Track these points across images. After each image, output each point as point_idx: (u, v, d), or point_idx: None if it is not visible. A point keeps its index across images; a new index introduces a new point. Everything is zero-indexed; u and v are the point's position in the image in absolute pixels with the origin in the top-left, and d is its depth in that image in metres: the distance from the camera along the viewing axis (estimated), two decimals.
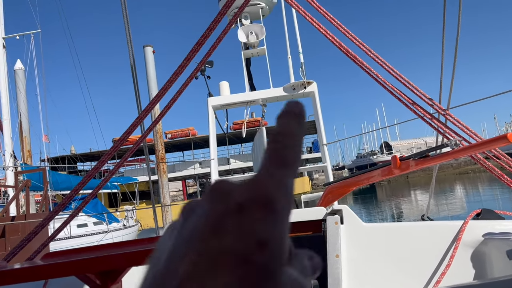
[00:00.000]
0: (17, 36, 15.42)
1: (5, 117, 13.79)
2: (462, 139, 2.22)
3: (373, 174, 2.91)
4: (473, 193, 29.62)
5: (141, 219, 23.35)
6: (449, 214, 17.92)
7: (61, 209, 2.38)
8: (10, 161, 13.61)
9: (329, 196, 3.40)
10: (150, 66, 14.54)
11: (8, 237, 9.03)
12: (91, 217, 17.74)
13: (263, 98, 4.53)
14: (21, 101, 15.43)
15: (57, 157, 33.83)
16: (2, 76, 13.82)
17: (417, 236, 2.17)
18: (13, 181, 12.55)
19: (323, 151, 4.29)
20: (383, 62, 2.47)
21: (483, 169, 2.42)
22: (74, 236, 15.63)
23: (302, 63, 4.31)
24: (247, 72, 4.70)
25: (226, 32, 2.51)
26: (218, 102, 4.57)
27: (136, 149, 2.56)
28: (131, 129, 2.47)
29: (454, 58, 2.13)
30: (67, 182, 18.93)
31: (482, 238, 2.04)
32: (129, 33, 3.00)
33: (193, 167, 38.71)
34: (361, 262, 2.18)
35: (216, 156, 4.37)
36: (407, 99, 2.37)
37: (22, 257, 2.23)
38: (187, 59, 2.49)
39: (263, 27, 4.46)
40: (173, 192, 50.31)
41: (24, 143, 15.48)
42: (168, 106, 2.53)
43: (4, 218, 9.73)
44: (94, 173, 2.44)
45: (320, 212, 2.53)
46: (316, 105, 4.35)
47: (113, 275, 1.20)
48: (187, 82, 2.57)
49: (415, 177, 56.11)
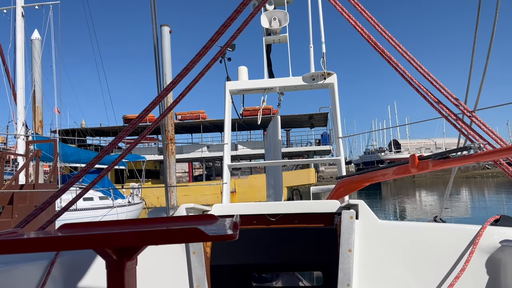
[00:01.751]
0: (36, 6, 15.40)
1: (19, 86, 13.87)
2: (487, 142, 2.17)
3: (388, 171, 2.88)
4: (479, 197, 29.43)
5: (145, 197, 23.61)
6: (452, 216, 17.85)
7: (75, 182, 2.39)
8: (22, 130, 13.72)
9: (341, 190, 3.38)
10: (166, 46, 14.47)
11: (16, 205, 9.17)
12: (97, 191, 17.97)
13: (281, 86, 4.49)
14: (36, 71, 15.48)
15: (67, 130, 34.10)
16: (19, 45, 13.87)
17: (432, 238, 2.14)
18: (24, 150, 12.70)
19: (337, 144, 4.26)
20: (411, 58, 2.41)
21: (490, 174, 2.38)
22: (79, 208, 15.84)
23: (324, 53, 4.24)
24: (267, 58, 4.65)
25: (253, 16, 2.47)
26: (235, 87, 4.54)
27: (153, 128, 2.55)
28: (150, 107, 2.46)
29: (486, 60, 2.07)
30: (76, 155, 19.13)
31: (499, 244, 2.01)
32: (155, 16, 2.96)
33: (201, 150, 38.86)
34: (373, 259, 2.16)
35: (230, 141, 4.37)
36: (433, 98, 2.32)
37: (30, 226, 2.25)
38: (211, 40, 2.45)
39: (287, 13, 4.40)
40: (179, 173, 50.61)
41: (37, 113, 15.59)
42: (189, 87, 2.50)
43: (13, 186, 9.88)
44: (111, 148, 2.44)
45: (333, 205, 2.51)
46: (335, 97, 4.31)
47: (130, 252, 1.20)
48: (210, 64, 2.54)
49: (421, 177, 55.84)
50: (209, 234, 0.97)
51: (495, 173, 50.62)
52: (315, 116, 37.71)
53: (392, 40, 2.43)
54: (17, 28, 13.99)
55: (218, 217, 1.38)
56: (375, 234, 2.20)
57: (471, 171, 54.95)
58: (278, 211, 2.54)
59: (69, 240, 1.03)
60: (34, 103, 15.49)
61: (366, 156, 79.91)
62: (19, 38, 13.89)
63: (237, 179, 31.70)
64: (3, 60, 15.07)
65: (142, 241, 1.03)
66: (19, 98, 13.87)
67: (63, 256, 2.16)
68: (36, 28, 15.91)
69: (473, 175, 54.01)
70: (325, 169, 59.27)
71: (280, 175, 5.74)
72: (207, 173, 44.13)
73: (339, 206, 2.46)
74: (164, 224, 1.47)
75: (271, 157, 5.77)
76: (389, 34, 2.42)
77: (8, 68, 14.97)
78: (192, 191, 29.13)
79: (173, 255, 2.35)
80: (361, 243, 2.19)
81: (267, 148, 6.31)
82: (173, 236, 1.00)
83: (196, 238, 0.99)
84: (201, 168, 48.18)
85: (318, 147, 38.19)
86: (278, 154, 5.48)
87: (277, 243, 2.61)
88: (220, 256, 2.56)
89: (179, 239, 1.01)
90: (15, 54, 14.13)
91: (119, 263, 1.16)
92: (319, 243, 2.54)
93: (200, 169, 50.62)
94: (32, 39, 15.74)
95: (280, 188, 5.60)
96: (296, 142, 42.25)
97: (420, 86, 2.32)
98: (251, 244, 2.63)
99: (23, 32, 14.04)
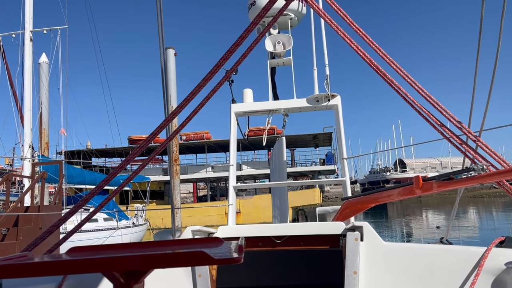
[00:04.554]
0: (45, 30, 15.75)
1: (27, 109, 14.05)
2: (490, 164, 2.19)
3: (393, 192, 2.89)
4: (486, 217, 29.06)
5: (149, 219, 23.51)
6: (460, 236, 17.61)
7: (84, 204, 2.42)
8: (28, 152, 13.84)
9: (347, 211, 3.39)
10: (171, 68, 14.66)
11: (21, 227, 9.18)
12: (102, 213, 17.93)
13: (286, 108, 4.55)
14: (43, 94, 15.72)
15: (73, 151, 34.29)
16: (27, 68, 14.11)
17: (437, 260, 2.14)
18: (30, 172, 12.78)
19: (342, 165, 4.28)
20: (413, 81, 2.46)
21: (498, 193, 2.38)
22: (84, 230, 15.79)
23: (327, 75, 4.32)
24: (272, 81, 4.73)
25: (257, 42, 2.54)
26: (241, 109, 4.59)
27: (161, 150, 2.59)
28: (158, 130, 2.51)
29: (491, 84, 2.10)
30: (81, 177, 19.20)
31: (505, 266, 2.00)
32: (162, 41, 3.05)
33: (205, 170, 38.84)
34: (378, 281, 2.16)
35: (235, 162, 4.39)
36: (435, 120, 2.35)
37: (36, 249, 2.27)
38: (217, 66, 2.52)
39: (290, 37, 4.49)
40: (183, 193, 50.47)
41: (43, 135, 15.74)
42: (195, 111, 2.56)
43: (18, 208, 9.91)
44: (119, 171, 2.48)
45: (338, 226, 2.52)
46: (339, 119, 4.35)
47: (137, 275, 1.22)
48: (215, 89, 2.60)
49: (427, 197, 55.29)
50: (214, 257, 1.00)
51: (502, 193, 49.92)
52: (319, 136, 37.75)
53: (393, 63, 2.48)
54: (26, 52, 14.27)
55: (223, 240, 1.40)
56: (380, 256, 2.20)
57: (478, 191, 54.37)
58: (284, 233, 2.55)
59: (78, 264, 1.06)
60: (40, 125, 15.66)
61: (372, 176, 79.44)
62: (27, 61, 14.15)
63: (242, 199, 31.56)
64: (11, 84, 15.33)
65: (149, 265, 1.05)
66: (26, 121, 14.03)
67: (70, 279, 2.17)
68: (44, 52, 16.25)
69: (480, 195, 53.41)
70: (330, 189, 58.88)
71: (286, 196, 5.75)
72: (211, 193, 43.99)
73: (344, 228, 2.47)
74: (170, 247, 1.49)
75: (276, 178, 5.78)
76: (390, 57, 2.48)
77: (16, 91, 15.22)
78: (196, 212, 29.01)
79: (180, 278, 2.35)
80: (366, 265, 2.19)
81: (272, 168, 6.33)
82: (179, 259, 1.03)
83: (201, 262, 1.01)
84: (205, 189, 48.06)
85: (322, 166, 38.09)
86: (284, 175, 5.50)
87: (282, 265, 2.61)
88: (226, 279, 2.56)
89: (185, 262, 1.04)
90: (23, 77, 14.37)
91: (126, 286, 1.17)
92: (324, 265, 2.54)
93: (205, 190, 50.50)
94: (40, 62, 16.05)
95: (285, 209, 5.59)
96: (300, 161, 42.19)
97: (423, 109, 2.35)
98: (257, 266, 2.63)
99: (31, 56, 14.31)
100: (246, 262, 2.57)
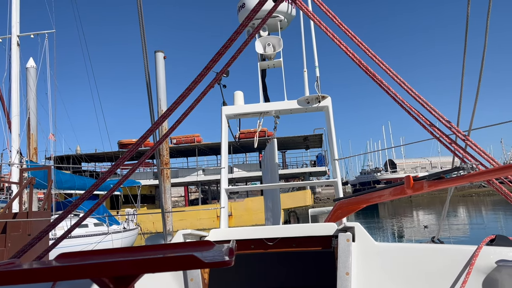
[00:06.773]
0: (32, 35, 15.57)
1: (14, 114, 13.87)
2: (479, 163, 2.20)
3: (384, 192, 2.90)
4: (476, 216, 29.39)
5: (140, 223, 23.35)
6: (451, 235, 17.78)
7: (73, 210, 2.39)
8: (16, 157, 13.65)
9: (339, 212, 3.39)
10: (161, 72, 14.61)
11: (9, 234, 9.04)
12: (92, 218, 17.76)
13: (277, 109, 4.55)
14: (31, 99, 15.53)
15: (62, 156, 33.94)
16: (14, 73, 13.94)
17: (429, 259, 2.15)
18: (18, 178, 12.60)
19: (334, 166, 4.29)
20: (402, 82, 2.47)
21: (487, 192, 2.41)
22: (74, 236, 15.62)
23: (317, 77, 4.33)
24: (262, 83, 4.73)
25: (247, 44, 2.53)
26: (232, 112, 4.58)
27: (151, 154, 2.57)
28: (147, 134, 2.48)
29: (478, 83, 2.13)
30: (71, 182, 19.00)
31: (495, 264, 2.02)
32: (144, 44, 3.03)
33: (196, 173, 38.72)
34: (371, 281, 2.16)
35: (227, 165, 4.38)
36: (425, 120, 2.37)
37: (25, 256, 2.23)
38: (206, 68, 2.51)
39: (280, 39, 4.50)
40: (174, 197, 50.24)
41: (31, 140, 15.55)
42: (185, 114, 2.54)
43: (7, 214, 9.76)
44: (109, 176, 2.45)
45: (330, 228, 2.52)
46: (330, 120, 4.36)
47: (127, 280, 1.20)
48: (205, 91, 2.59)
49: (418, 196, 55.76)
50: (205, 261, 0.99)
51: (491, 192, 50.78)
52: (309, 137, 37.87)
53: (382, 64, 2.50)
54: (13, 57, 14.09)
55: (214, 243, 1.39)
56: (372, 256, 2.21)
57: (467, 190, 55.01)
58: (276, 235, 2.55)
59: (66, 270, 1.04)
60: (28, 130, 15.47)
61: (362, 177, 79.90)
62: (14, 66, 13.97)
63: (233, 202, 31.51)
64: None
65: (139, 269, 1.03)
66: (14, 126, 13.85)
67: (59, 286, 2.13)
68: (31, 56, 16.06)
69: (469, 194, 54.06)
70: (321, 190, 59.07)
71: (278, 198, 5.75)
72: (203, 196, 43.85)
73: (336, 229, 2.47)
74: (161, 251, 1.47)
75: (268, 180, 5.78)
76: (379, 58, 2.49)
77: (3, 97, 15.01)
78: (188, 216, 28.89)
79: (171, 282, 2.33)
80: (359, 266, 2.19)
81: (264, 170, 6.33)
82: (168, 263, 1.01)
83: (192, 265, 1.00)
84: (197, 192, 47.90)
85: (313, 168, 38.20)
86: (276, 176, 5.50)
87: (275, 268, 2.60)
88: (218, 282, 2.54)
89: (175, 266, 1.02)
90: (10, 82, 14.20)
91: None
92: (317, 267, 2.54)
93: (196, 193, 50.31)
94: (27, 67, 15.86)
95: (278, 211, 5.59)
96: (291, 163, 42.27)
97: (412, 109, 2.37)
98: (249, 269, 2.62)
99: (18, 61, 14.14)
100: (239, 265, 2.56)
